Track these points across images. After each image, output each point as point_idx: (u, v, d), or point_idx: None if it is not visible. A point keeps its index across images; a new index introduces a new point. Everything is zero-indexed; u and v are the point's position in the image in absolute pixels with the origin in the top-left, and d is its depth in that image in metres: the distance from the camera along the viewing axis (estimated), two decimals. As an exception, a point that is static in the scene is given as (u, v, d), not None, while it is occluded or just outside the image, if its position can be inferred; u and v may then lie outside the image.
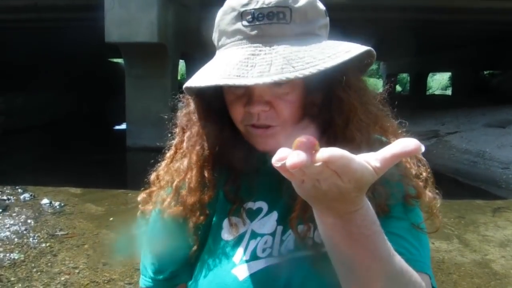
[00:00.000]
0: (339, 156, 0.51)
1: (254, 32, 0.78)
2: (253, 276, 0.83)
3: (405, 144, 0.53)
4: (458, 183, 8.17)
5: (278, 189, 0.84)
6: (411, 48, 20.25)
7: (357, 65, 0.83)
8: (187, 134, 0.92)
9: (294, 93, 0.81)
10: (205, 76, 0.78)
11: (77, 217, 5.78)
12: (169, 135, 0.99)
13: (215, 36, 0.86)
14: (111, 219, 5.71)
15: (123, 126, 15.39)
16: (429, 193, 0.86)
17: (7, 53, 13.89)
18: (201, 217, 0.89)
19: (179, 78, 11.99)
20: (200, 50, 12.68)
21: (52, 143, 11.85)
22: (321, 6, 0.84)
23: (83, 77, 17.16)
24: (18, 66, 14.10)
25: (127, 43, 9.49)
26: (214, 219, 0.91)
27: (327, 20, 0.85)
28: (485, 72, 22.90)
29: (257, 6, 0.78)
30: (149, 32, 9.18)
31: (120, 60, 24.19)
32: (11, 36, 14.24)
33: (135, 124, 10.25)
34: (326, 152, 0.50)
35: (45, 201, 6.29)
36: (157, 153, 1.02)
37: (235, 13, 0.80)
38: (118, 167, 9.11)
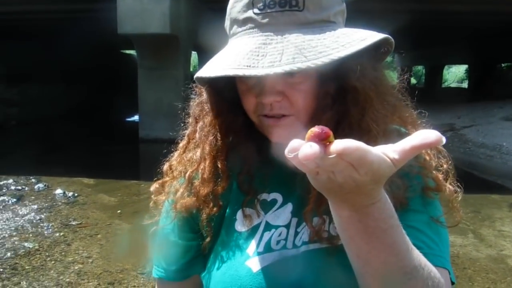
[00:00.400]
0: (354, 148, 0.49)
1: (265, 20, 0.75)
2: (267, 268, 0.82)
3: (426, 136, 0.51)
4: (474, 177, 8.03)
5: (292, 181, 0.81)
6: (426, 40, 19.96)
7: (373, 54, 0.80)
8: (200, 124, 0.90)
9: (308, 82, 0.78)
10: (216, 66, 0.76)
11: (90, 207, 5.84)
12: (182, 125, 0.97)
13: (226, 24, 0.84)
14: (118, 211, 5.75)
15: (136, 117, 15.54)
16: (449, 186, 0.83)
17: (20, 45, 14.01)
18: (215, 208, 0.87)
19: (191, 69, 11.97)
20: (212, 41, 12.73)
21: (66, 134, 11.94)
22: None
23: (96, 69, 17.24)
24: (31, 58, 14.21)
25: (140, 34, 9.52)
26: (227, 210, 0.90)
27: (343, 6, 0.82)
28: (502, 65, 22.21)
29: None
30: (162, 23, 9.19)
31: (132, 52, 24.35)
32: (24, 28, 14.33)
33: (148, 116, 10.31)
34: (341, 144, 0.48)
35: (58, 191, 6.36)
36: (169, 144, 1.01)
37: (246, 1, 0.78)
38: (131, 158, 9.20)
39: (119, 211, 5.74)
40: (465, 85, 30.39)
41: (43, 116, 13.54)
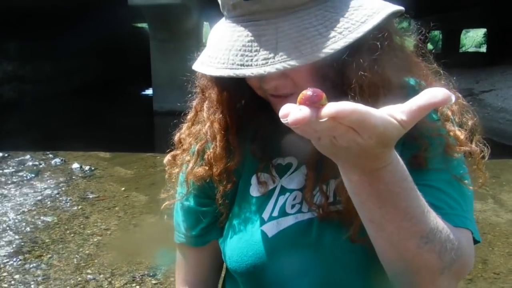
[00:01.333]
0: (349, 111, 0.46)
1: (255, 7, 0.68)
2: (282, 233, 0.81)
3: (432, 94, 0.48)
4: (494, 142, 7.65)
5: (306, 143, 0.75)
6: (443, 3, 19.53)
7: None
8: (206, 103, 0.86)
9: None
10: (210, 61, 0.72)
11: (107, 180, 5.88)
12: (189, 95, 0.95)
13: (219, 2, 0.76)
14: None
15: (150, 91, 15.54)
16: (473, 146, 0.78)
17: (33, 21, 13.96)
18: (229, 185, 0.86)
19: (204, 40, 11.85)
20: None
21: (80, 109, 11.99)
22: None
23: (109, 43, 17.18)
24: (44, 33, 14.17)
25: (150, 5, 9.38)
26: (241, 178, 0.88)
27: None
28: None
29: None
30: (172, -7, 9.03)
31: (145, 25, 24.19)
32: (38, 3, 14.27)
33: (161, 88, 10.26)
34: (334, 107, 0.46)
35: (75, 165, 6.41)
36: (183, 116, 0.99)
37: None
38: (146, 131, 9.22)
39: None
40: (483, 49, 29.72)
41: (58, 91, 13.58)
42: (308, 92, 0.46)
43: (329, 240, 0.79)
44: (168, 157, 0.95)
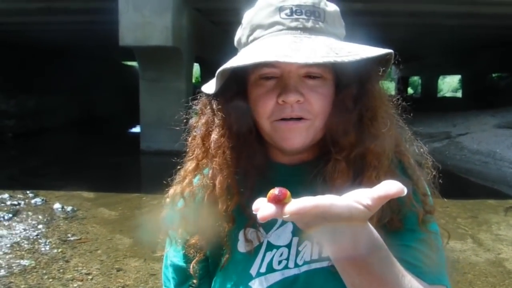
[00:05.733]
0: (310, 207, 0.54)
1: (294, 24, 0.81)
2: None
3: (388, 188, 0.56)
4: (471, 183, 8.41)
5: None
6: (422, 52, 20.47)
7: (377, 68, 0.84)
8: (212, 137, 0.89)
9: (325, 87, 0.83)
10: (246, 58, 0.77)
11: (90, 221, 5.66)
12: (186, 148, 0.97)
13: (243, 33, 0.87)
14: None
15: (137, 129, 15.44)
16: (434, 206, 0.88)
17: (18, 55, 13.95)
18: (230, 225, 0.89)
19: (193, 81, 12.03)
20: (214, 54, 12.73)
21: (64, 147, 11.80)
22: (342, 21, 0.90)
23: (96, 80, 17.22)
24: (30, 68, 14.16)
25: (142, 46, 9.50)
26: (233, 229, 0.90)
27: (345, 33, 0.90)
28: (493, 75, 23.65)
29: (295, 3, 0.82)
30: (164, 36, 9.17)
31: (133, 63, 24.41)
32: (25, 38, 14.30)
33: (149, 127, 10.27)
34: (295, 205, 0.53)
35: (57, 205, 6.18)
36: (170, 156, 1.01)
37: (272, 8, 0.82)
38: (132, 171, 9.08)
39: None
40: (459, 94, 31.67)
41: (41, 128, 13.42)
42: (275, 191, 0.55)
43: None
44: (164, 214, 0.96)
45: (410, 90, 36.40)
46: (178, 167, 0.97)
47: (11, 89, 12.93)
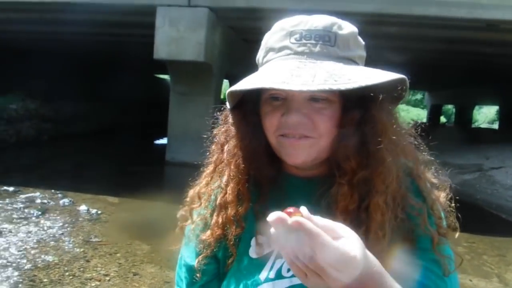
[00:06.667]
0: (310, 230, 0.61)
1: (301, 49, 0.83)
2: None
3: None
4: (500, 220, 7.95)
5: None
6: (456, 79, 19.78)
7: (390, 93, 0.86)
8: (226, 147, 0.96)
9: (331, 109, 0.84)
10: (250, 82, 0.83)
11: (112, 225, 5.89)
12: (207, 153, 1.03)
13: (260, 54, 0.92)
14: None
15: (163, 140, 15.69)
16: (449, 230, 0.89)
17: (58, 63, 14.46)
18: (238, 230, 0.92)
19: (221, 97, 12.17)
20: (244, 71, 12.91)
21: (94, 152, 12.18)
22: (361, 40, 0.90)
23: (129, 90, 17.63)
24: (67, 75, 14.63)
25: (175, 60, 9.74)
26: (244, 234, 0.93)
27: (364, 53, 0.91)
28: None
29: (305, 28, 0.84)
30: (196, 51, 9.38)
31: (165, 76, 24.85)
32: (64, 47, 14.85)
33: (176, 139, 10.42)
34: (299, 219, 0.61)
35: (83, 207, 6.45)
36: (194, 169, 1.06)
37: (283, 32, 0.86)
38: (156, 180, 9.27)
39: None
40: (495, 126, 30.21)
41: (75, 133, 13.85)
42: (289, 209, 0.63)
43: None
44: (181, 212, 1.02)
45: (443, 119, 35.26)
46: (201, 169, 1.04)
47: (50, 95, 13.41)
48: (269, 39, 0.89)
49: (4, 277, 4.10)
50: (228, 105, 0.92)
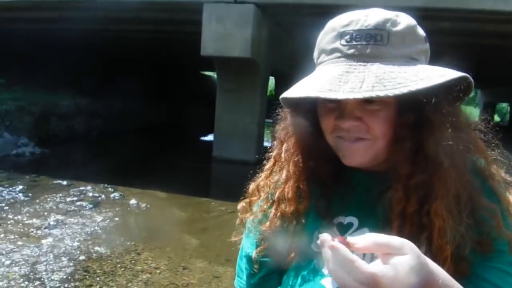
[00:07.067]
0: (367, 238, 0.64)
1: (350, 51, 0.81)
2: None
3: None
4: None
5: (371, 207, 0.86)
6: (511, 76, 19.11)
7: (451, 92, 0.81)
8: (285, 146, 0.96)
9: (386, 111, 0.82)
10: (300, 89, 0.82)
11: (161, 220, 5.98)
12: (268, 147, 1.04)
13: (315, 54, 0.90)
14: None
15: (208, 137, 15.88)
16: None
17: (109, 60, 14.85)
18: (298, 226, 0.92)
19: (268, 94, 12.16)
20: (289, 67, 12.87)
21: (142, 148, 12.44)
22: (421, 32, 0.85)
23: (176, 87, 17.92)
24: (117, 73, 15.01)
25: (222, 57, 9.76)
26: (306, 229, 0.93)
27: (426, 46, 0.86)
28: None
29: (356, 28, 0.81)
30: (243, 47, 9.38)
31: (210, 73, 25.13)
32: (114, 46, 15.24)
33: (223, 136, 10.48)
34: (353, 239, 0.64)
35: (133, 201, 6.58)
36: (240, 166, 1.06)
37: (334, 33, 0.84)
38: (203, 176, 9.38)
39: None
40: None
41: (124, 129, 14.17)
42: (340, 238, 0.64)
43: None
44: (242, 204, 1.03)
45: (496, 118, 34.08)
46: (264, 162, 1.04)
47: (101, 92, 13.78)
48: (322, 39, 0.87)
49: (59, 267, 4.22)
50: (285, 104, 0.93)
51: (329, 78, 0.78)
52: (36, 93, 11.64)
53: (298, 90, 0.82)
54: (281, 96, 0.86)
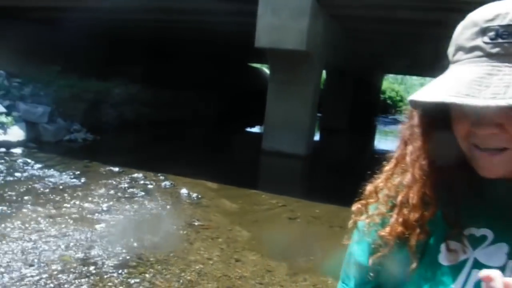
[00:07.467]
0: None
1: (495, 50, 0.70)
2: None
3: None
4: None
5: (509, 219, 0.77)
6: None
7: None
8: (410, 148, 0.88)
9: None
10: (433, 91, 0.73)
11: (213, 210, 5.93)
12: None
13: (450, 50, 0.80)
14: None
15: (255, 129, 15.84)
16: None
17: (159, 51, 15.00)
18: (422, 235, 0.84)
19: (321, 87, 11.96)
20: (342, 61, 12.59)
21: (191, 138, 12.51)
22: None
23: (224, 78, 17.96)
24: (166, 62, 15.16)
25: (276, 49, 9.63)
26: (431, 240, 0.85)
27: None
28: None
29: (503, 23, 0.70)
30: (299, 40, 9.21)
31: (258, 65, 25.09)
32: (165, 36, 15.39)
33: (273, 129, 10.36)
34: None
35: (183, 191, 6.57)
36: (291, 159, 0.91)
37: (476, 28, 0.73)
38: (252, 168, 9.31)
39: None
40: None
41: (171, 118, 14.29)
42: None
43: None
44: (357, 205, 0.95)
45: None
46: (384, 162, 0.96)
47: (151, 81, 13.95)
48: (460, 34, 0.77)
49: (114, 253, 4.22)
50: (414, 104, 0.80)
51: (468, 81, 0.69)
52: (89, 80, 11.89)
53: (431, 93, 0.73)
54: (409, 98, 0.76)
